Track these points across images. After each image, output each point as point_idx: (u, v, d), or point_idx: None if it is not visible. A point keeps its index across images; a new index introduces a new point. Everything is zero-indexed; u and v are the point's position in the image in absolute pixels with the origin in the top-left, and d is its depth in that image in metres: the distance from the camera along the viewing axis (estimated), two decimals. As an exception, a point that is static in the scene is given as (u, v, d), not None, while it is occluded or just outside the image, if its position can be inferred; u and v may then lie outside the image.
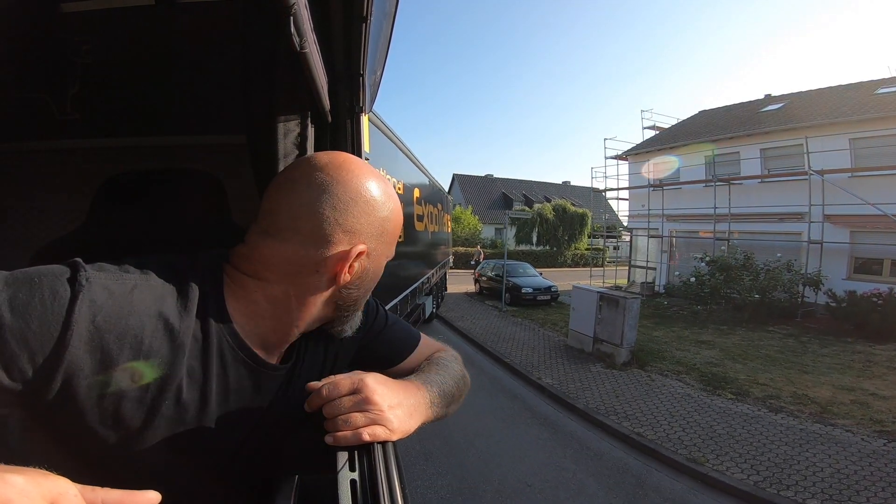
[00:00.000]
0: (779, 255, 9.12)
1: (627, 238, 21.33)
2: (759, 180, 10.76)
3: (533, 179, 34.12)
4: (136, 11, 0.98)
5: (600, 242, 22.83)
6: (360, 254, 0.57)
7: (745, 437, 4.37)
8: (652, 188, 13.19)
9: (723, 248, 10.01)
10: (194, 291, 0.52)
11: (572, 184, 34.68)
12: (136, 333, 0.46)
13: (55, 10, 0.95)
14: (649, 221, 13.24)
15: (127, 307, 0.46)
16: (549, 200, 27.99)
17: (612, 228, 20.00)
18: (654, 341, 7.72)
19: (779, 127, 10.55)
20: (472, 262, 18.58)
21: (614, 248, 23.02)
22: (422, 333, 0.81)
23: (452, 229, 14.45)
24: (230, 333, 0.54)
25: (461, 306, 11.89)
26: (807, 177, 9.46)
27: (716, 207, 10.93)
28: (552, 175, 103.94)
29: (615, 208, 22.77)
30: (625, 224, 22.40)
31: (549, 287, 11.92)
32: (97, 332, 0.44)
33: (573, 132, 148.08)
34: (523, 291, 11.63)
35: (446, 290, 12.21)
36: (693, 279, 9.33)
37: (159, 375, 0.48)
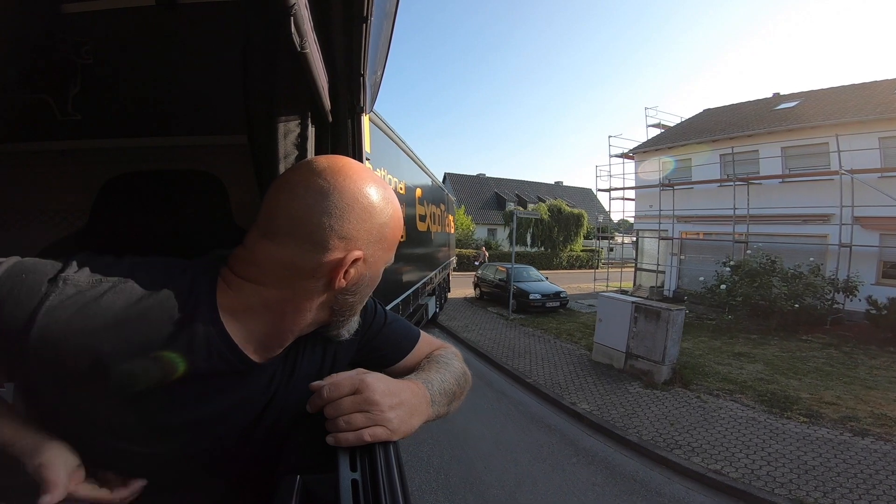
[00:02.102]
0: (811, 259, 8.54)
1: (621, 240, 20.91)
2: (781, 180, 10.20)
3: (525, 179, 33.43)
4: (136, 12, 0.97)
5: (595, 244, 22.33)
6: (356, 260, 0.56)
7: (844, 469, 3.71)
8: (662, 188, 12.54)
9: (749, 251, 9.35)
10: (181, 294, 0.52)
11: (565, 184, 34.26)
12: (103, 334, 0.47)
13: (56, 11, 0.94)
14: (660, 223, 12.58)
15: (94, 308, 0.47)
16: (542, 200, 27.46)
17: (605, 230, 19.45)
18: (686, 354, 6.98)
19: (804, 124, 10.01)
20: (477, 263, 17.59)
21: (609, 250, 22.55)
22: (421, 331, 0.80)
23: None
24: (219, 334, 0.53)
25: (463, 313, 10.95)
26: (833, 177, 8.94)
27: (735, 208, 10.31)
28: (543, 176, 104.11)
29: (621, 208, 22.33)
30: (617, 225, 22.01)
31: (558, 293, 11.08)
32: (62, 332, 0.46)
33: (563, 132, 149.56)
34: (531, 298, 10.74)
35: (449, 290, 11.48)
36: (723, 287, 8.63)
37: (128, 374, 0.47)
